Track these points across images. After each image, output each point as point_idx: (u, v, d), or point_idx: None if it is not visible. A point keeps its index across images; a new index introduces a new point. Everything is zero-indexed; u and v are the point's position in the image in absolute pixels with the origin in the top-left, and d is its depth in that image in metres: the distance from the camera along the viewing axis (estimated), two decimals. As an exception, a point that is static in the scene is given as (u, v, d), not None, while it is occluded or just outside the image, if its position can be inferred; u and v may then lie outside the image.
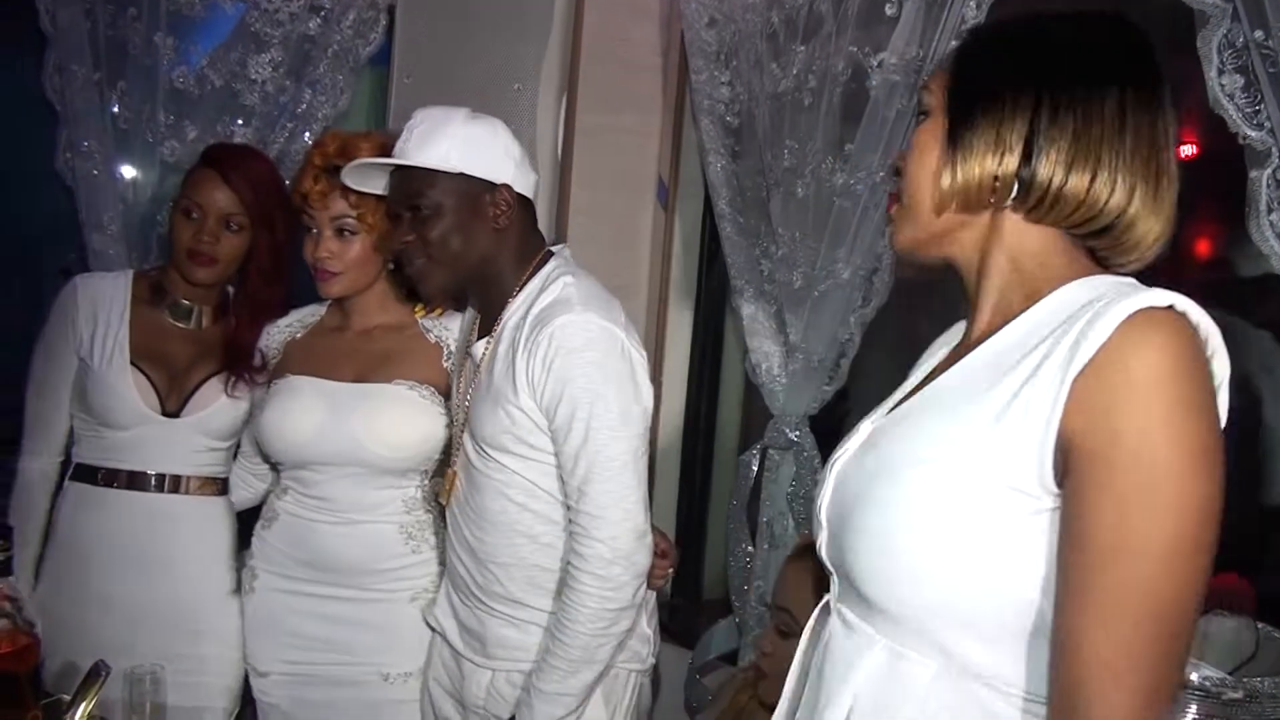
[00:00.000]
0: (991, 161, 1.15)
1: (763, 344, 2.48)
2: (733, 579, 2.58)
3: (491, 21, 2.83)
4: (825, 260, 2.34)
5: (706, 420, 2.98)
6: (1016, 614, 1.06)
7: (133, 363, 2.23)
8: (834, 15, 2.37)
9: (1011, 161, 1.14)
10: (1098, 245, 1.17)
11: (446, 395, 2.15)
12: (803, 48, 2.44)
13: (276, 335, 2.31)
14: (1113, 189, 1.11)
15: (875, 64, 2.27)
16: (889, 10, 2.25)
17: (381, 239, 2.11)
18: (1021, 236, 1.18)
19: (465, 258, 1.89)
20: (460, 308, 2.21)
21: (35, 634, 1.79)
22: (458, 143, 1.86)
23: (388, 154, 1.96)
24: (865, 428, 1.27)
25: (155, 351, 2.26)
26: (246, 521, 2.33)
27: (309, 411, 2.13)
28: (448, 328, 2.22)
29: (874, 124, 2.26)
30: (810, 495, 2.46)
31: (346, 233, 2.12)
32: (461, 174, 1.86)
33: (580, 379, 1.77)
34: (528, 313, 1.86)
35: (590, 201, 2.86)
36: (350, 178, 2.01)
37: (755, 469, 2.52)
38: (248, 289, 2.30)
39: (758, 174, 2.54)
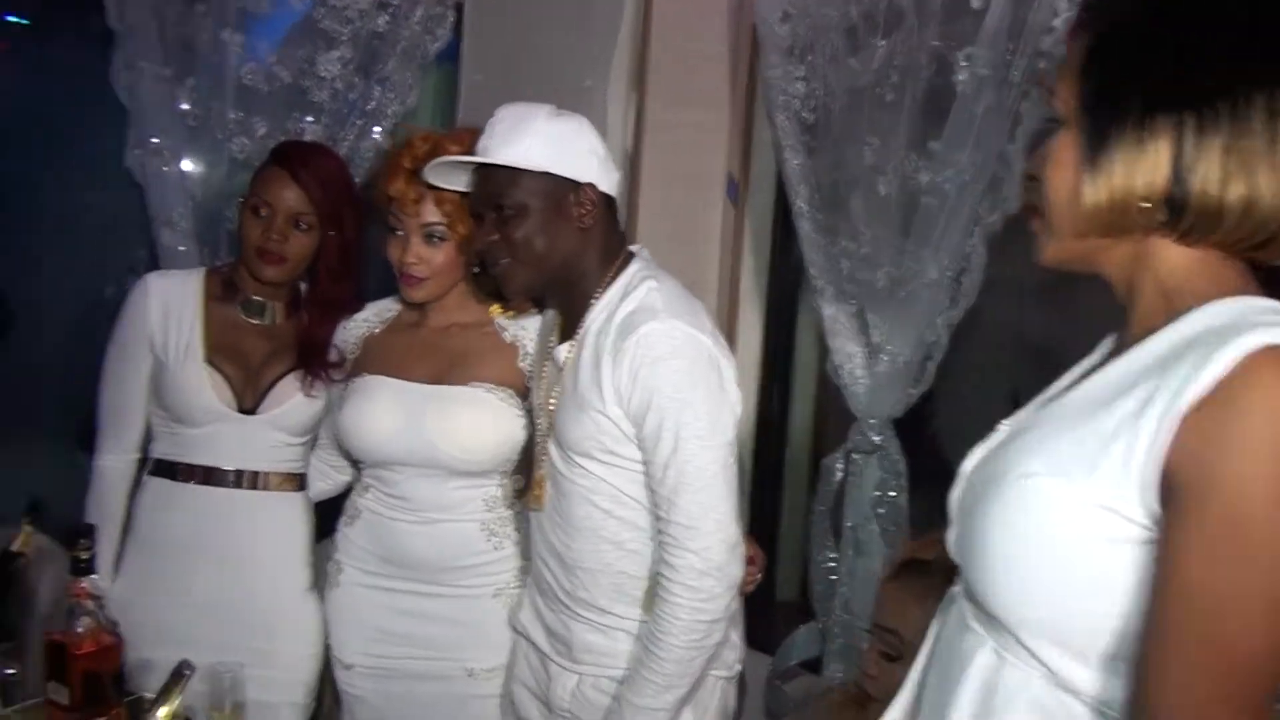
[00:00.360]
0: (1135, 182, 1.06)
1: (844, 345, 2.45)
2: (814, 585, 2.56)
3: (561, 16, 2.81)
4: (910, 260, 2.30)
5: (778, 420, 2.95)
6: (1113, 639, 1.03)
7: (207, 360, 2.23)
8: (915, 9, 2.33)
9: (1158, 182, 1.05)
10: (1260, 256, 1.09)
11: (524, 395, 2.13)
12: (883, 42, 2.40)
13: (354, 330, 2.30)
14: (1272, 201, 1.03)
15: (962, 59, 2.22)
16: (974, 3, 2.20)
17: (465, 240, 2.09)
18: (1172, 259, 1.10)
19: (549, 258, 1.88)
20: (539, 307, 2.20)
21: (117, 633, 1.82)
22: (541, 140, 1.84)
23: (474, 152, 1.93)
24: (1002, 430, 1.23)
25: (230, 348, 2.26)
26: (324, 514, 2.35)
27: (386, 413, 2.12)
28: (524, 327, 2.20)
29: (961, 121, 2.21)
30: (895, 501, 2.42)
31: (435, 239, 2.11)
32: (545, 172, 1.84)
33: (668, 388, 1.75)
34: (611, 318, 1.84)
35: (659, 198, 2.82)
36: (433, 175, 1.99)
37: (839, 473, 2.47)
38: (317, 287, 2.29)
39: (835, 170, 2.51)
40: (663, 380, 1.75)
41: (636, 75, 2.76)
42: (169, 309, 2.25)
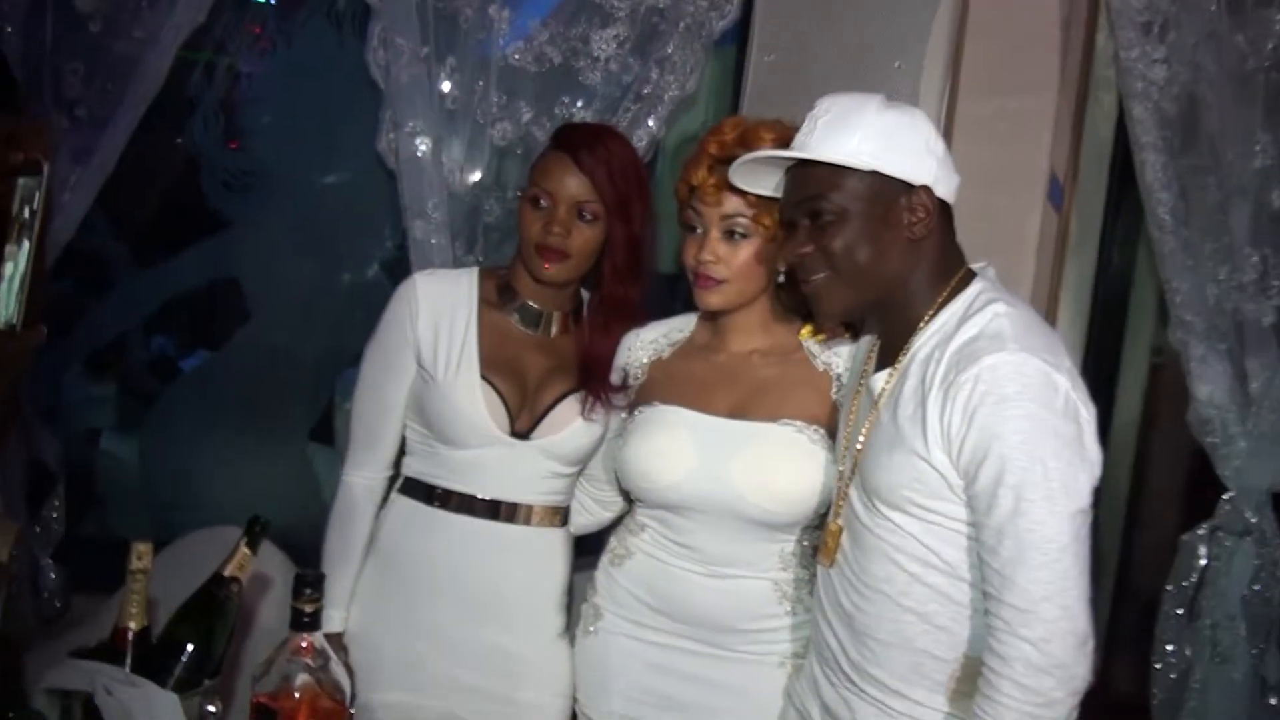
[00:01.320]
0: None
1: (1213, 393, 2.25)
2: (1157, 687, 2.35)
3: (867, -11, 2.66)
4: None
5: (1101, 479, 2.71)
6: None
7: (482, 376, 2.13)
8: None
9: None
10: None
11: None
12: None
13: (640, 352, 2.21)
14: None
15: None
16: None
17: (771, 248, 2.01)
18: None
19: (873, 273, 1.77)
20: (854, 331, 2.10)
21: (342, 694, 1.63)
22: (871, 134, 1.74)
23: (789, 147, 1.83)
24: None
25: (506, 363, 2.17)
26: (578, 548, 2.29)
27: (680, 451, 2.03)
28: (837, 353, 2.09)
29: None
30: (1270, 598, 2.11)
31: (737, 235, 2.01)
32: (874, 172, 1.74)
33: (1012, 435, 1.61)
34: (945, 345, 1.72)
35: (969, 199, 2.58)
36: (739, 176, 1.89)
37: (1202, 558, 2.26)
38: (602, 291, 2.20)
39: (1209, 175, 2.26)
40: (1007, 425, 1.61)
41: (952, 57, 2.58)
42: (439, 314, 2.16)
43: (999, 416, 1.61)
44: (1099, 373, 2.77)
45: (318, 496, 3.03)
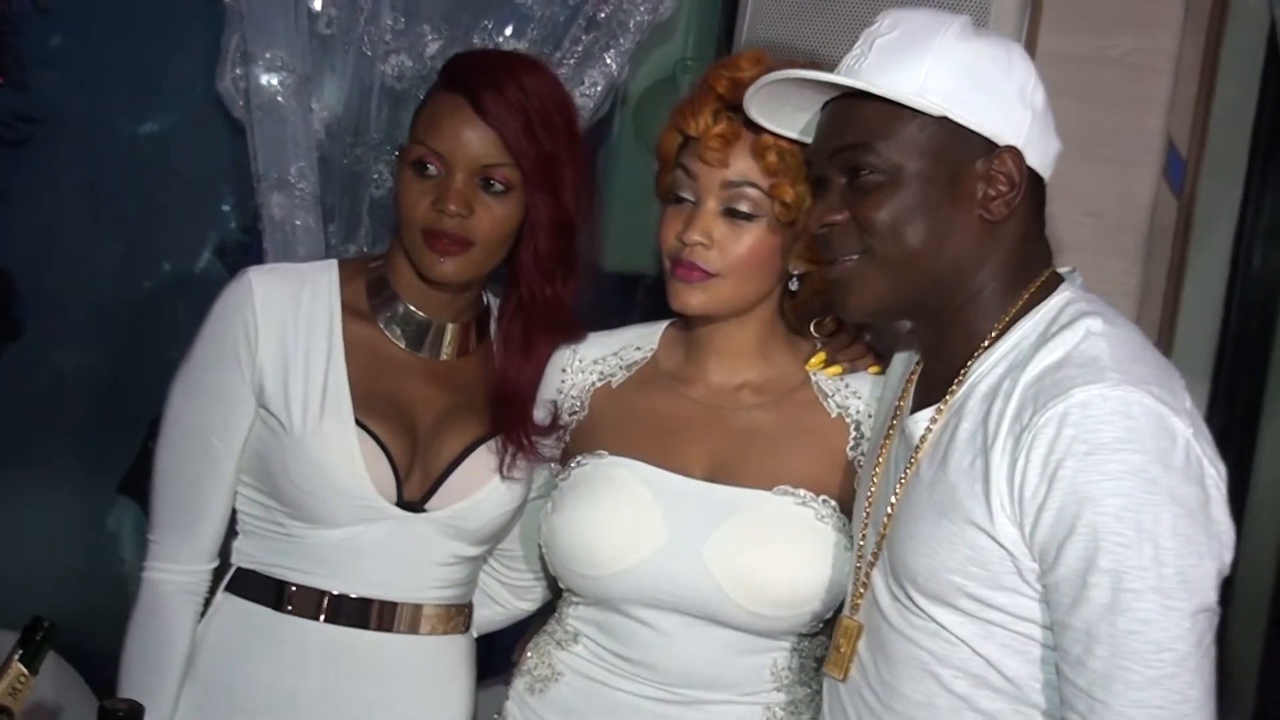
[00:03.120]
0: None
1: None
2: None
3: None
4: None
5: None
6: None
7: (357, 421, 2.11)
8: None
9: None
10: None
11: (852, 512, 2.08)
12: None
13: (579, 375, 2.23)
14: None
15: None
16: None
17: (786, 237, 2.05)
18: None
19: (926, 261, 1.78)
20: (882, 362, 2.15)
21: None
22: (946, 67, 1.74)
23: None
24: None
25: (386, 400, 2.16)
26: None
27: (638, 524, 2.06)
28: (857, 393, 2.14)
29: None
30: None
31: (741, 214, 2.03)
32: (943, 120, 1.74)
33: (1110, 499, 1.60)
34: (1018, 373, 1.72)
35: (1054, 171, 2.66)
36: (757, 104, 1.91)
37: None
38: (519, 291, 2.20)
39: None
40: (1103, 485, 1.60)
41: None
42: (288, 330, 2.14)
43: (1092, 473, 1.61)
44: (1231, 417, 2.78)
45: (125, 580, 2.99)
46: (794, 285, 2.09)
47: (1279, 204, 2.74)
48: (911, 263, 1.78)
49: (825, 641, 2.08)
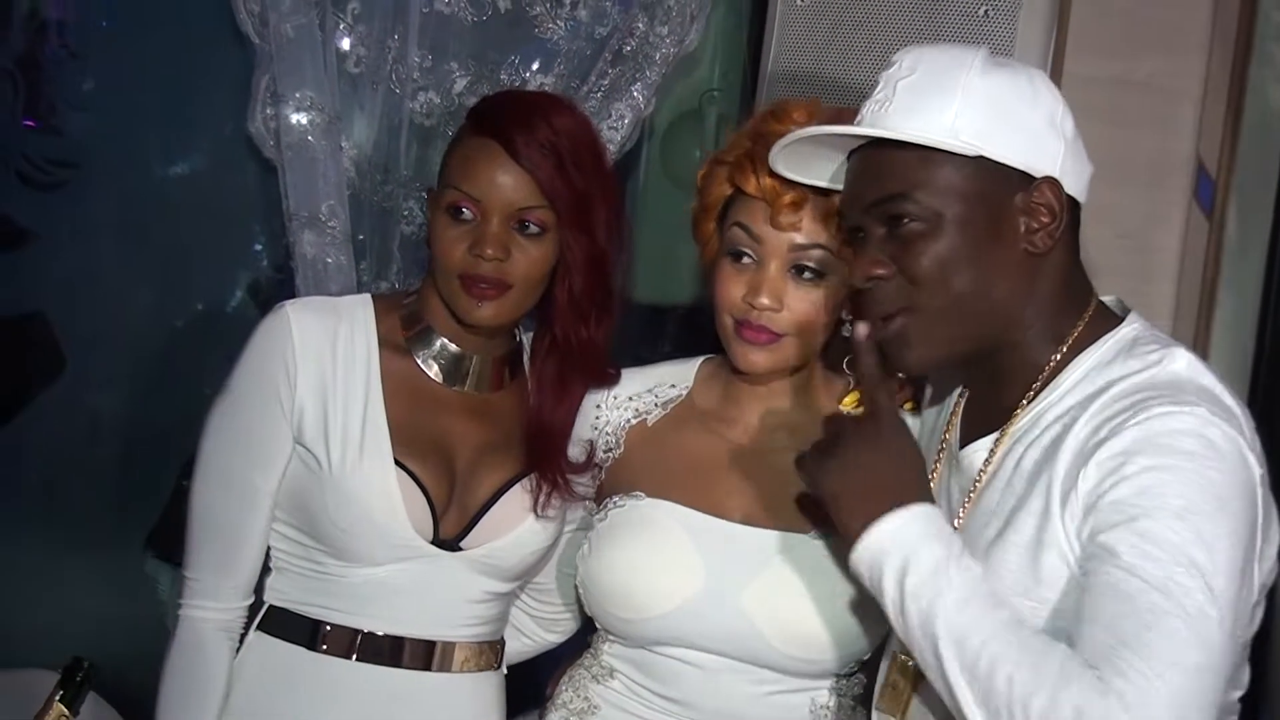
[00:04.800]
0: None
1: None
2: None
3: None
4: None
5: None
6: None
7: (396, 460, 2.10)
8: None
9: None
10: None
11: None
12: None
13: (613, 413, 2.23)
14: None
15: None
16: None
17: (843, 290, 2.03)
18: None
19: (978, 305, 1.77)
20: (917, 399, 2.13)
21: None
22: (975, 105, 1.73)
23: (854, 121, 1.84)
24: None
25: (425, 437, 2.15)
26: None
27: (677, 569, 2.06)
28: None
29: None
30: None
31: (809, 273, 2.03)
32: (980, 158, 1.73)
33: (1174, 497, 1.58)
34: (1091, 400, 1.71)
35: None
36: (784, 159, 1.90)
37: None
38: (554, 331, 2.20)
39: None
40: (1169, 487, 1.59)
41: (1059, 6, 2.60)
42: (326, 365, 2.13)
43: (1165, 474, 1.60)
44: (1270, 438, 2.71)
45: (163, 619, 2.98)
46: (847, 331, 2.01)
47: (1314, 226, 2.70)
48: (961, 309, 1.78)
49: (863, 680, 2.10)
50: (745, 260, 2.04)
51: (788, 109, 2.05)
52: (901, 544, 1.68)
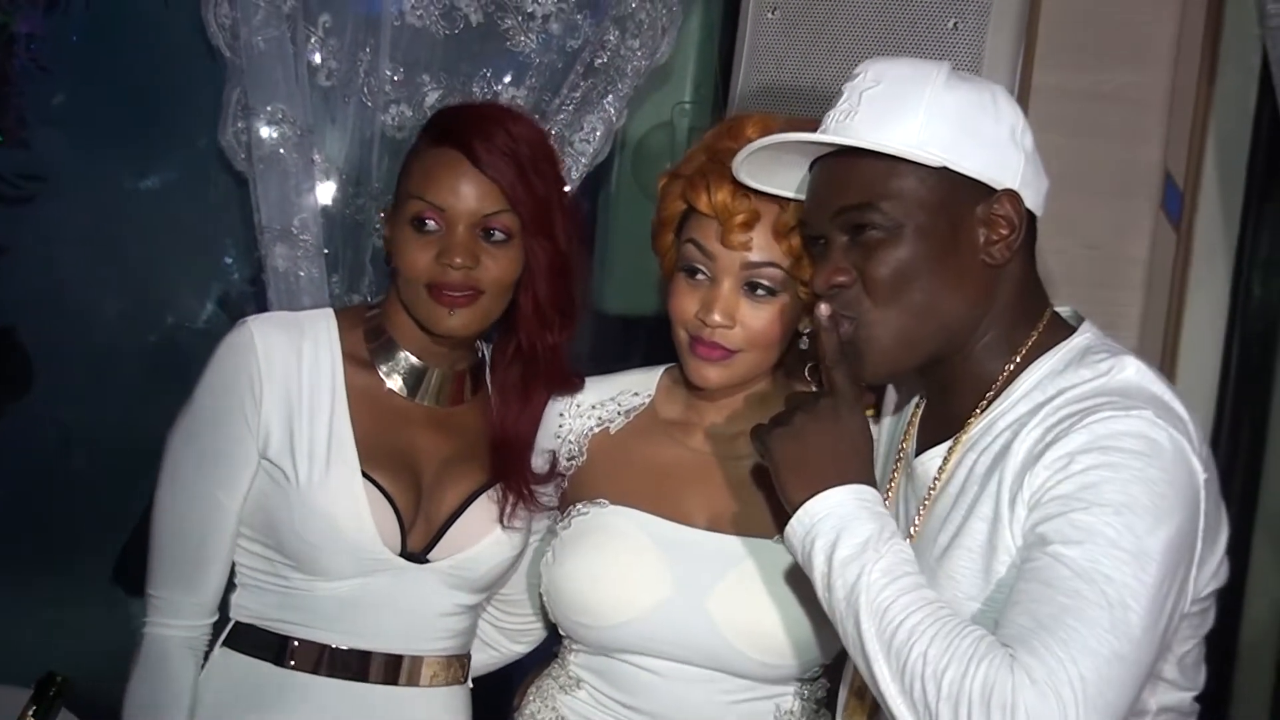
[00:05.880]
0: None
1: None
2: None
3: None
4: None
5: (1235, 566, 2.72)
6: None
7: (363, 472, 2.10)
8: None
9: None
10: None
11: None
12: None
13: (576, 421, 2.24)
14: None
15: None
16: None
17: (798, 306, 2.05)
18: None
19: (936, 314, 1.79)
20: (877, 405, 2.15)
21: None
22: (940, 117, 1.75)
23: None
24: None
25: (391, 450, 2.15)
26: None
27: (641, 576, 2.06)
28: None
29: None
30: None
31: (761, 290, 2.03)
32: (943, 169, 1.75)
33: (1110, 490, 1.61)
34: (1041, 407, 1.73)
35: (1049, 205, 2.64)
36: (748, 169, 1.91)
37: None
38: (517, 339, 2.21)
39: None
40: (1109, 484, 1.61)
41: (1028, 15, 2.62)
42: (291, 380, 2.12)
43: (1106, 470, 1.62)
44: (1235, 448, 2.78)
45: (135, 635, 2.98)
46: (804, 344, 2.07)
47: (1276, 233, 2.75)
48: (920, 318, 1.79)
49: (826, 684, 2.11)
50: (699, 276, 2.05)
51: (742, 125, 2.05)
52: (836, 517, 1.71)
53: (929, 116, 1.74)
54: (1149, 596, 1.59)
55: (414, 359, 2.19)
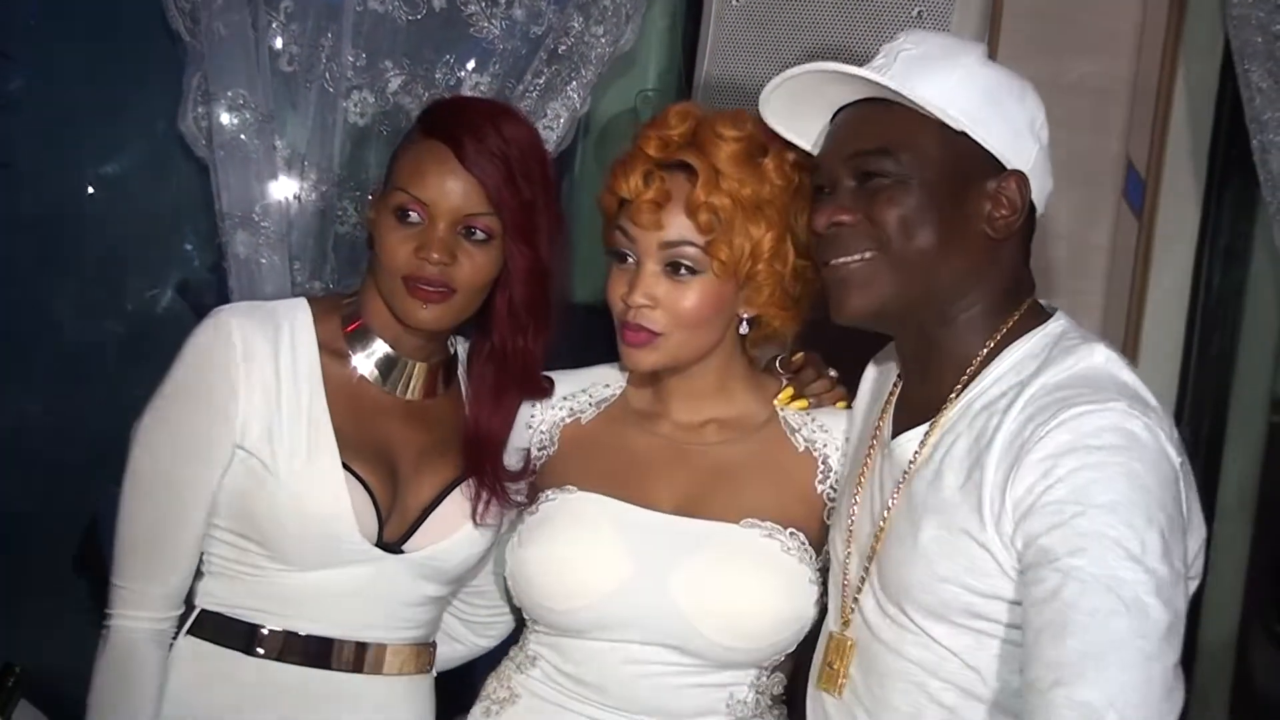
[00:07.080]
0: None
1: None
2: None
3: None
4: None
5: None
6: None
7: (343, 463, 2.10)
8: None
9: None
10: None
11: (822, 543, 2.10)
12: None
13: (547, 413, 2.26)
14: None
15: None
16: None
17: (728, 288, 2.07)
18: None
19: (930, 267, 1.82)
20: (849, 398, 2.18)
21: None
22: (971, 85, 1.81)
23: (766, 147, 2.01)
24: None
25: (368, 441, 2.15)
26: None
27: (603, 559, 2.07)
28: (824, 428, 2.17)
29: None
30: None
31: (683, 270, 2.05)
32: (963, 135, 1.80)
33: (1102, 495, 1.63)
34: (1018, 390, 1.76)
35: None
36: (773, 107, 1.97)
37: None
38: (492, 339, 2.21)
39: None
40: (1096, 484, 1.63)
41: (990, 8, 2.66)
42: (267, 369, 2.11)
43: (1092, 471, 1.64)
44: (1197, 433, 2.81)
45: (97, 625, 2.96)
46: (744, 330, 2.11)
47: (1237, 222, 2.78)
48: (919, 264, 1.81)
49: (783, 679, 2.14)
50: (627, 261, 2.07)
51: (666, 118, 2.08)
52: None
53: (960, 82, 1.79)
54: (1160, 584, 1.61)
55: (388, 348, 2.18)
